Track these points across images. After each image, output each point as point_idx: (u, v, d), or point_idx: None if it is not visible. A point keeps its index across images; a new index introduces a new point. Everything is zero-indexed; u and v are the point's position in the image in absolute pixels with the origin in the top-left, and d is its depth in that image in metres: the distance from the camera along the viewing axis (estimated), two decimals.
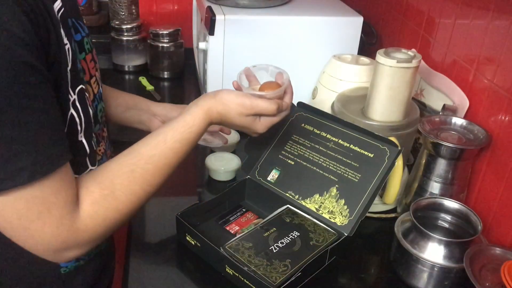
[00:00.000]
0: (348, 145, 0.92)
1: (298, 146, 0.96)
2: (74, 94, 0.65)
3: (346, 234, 0.84)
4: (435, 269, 0.78)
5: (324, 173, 0.92)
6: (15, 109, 0.52)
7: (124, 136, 1.22)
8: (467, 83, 0.99)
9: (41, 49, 0.56)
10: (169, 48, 1.58)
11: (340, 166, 0.91)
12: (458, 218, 0.85)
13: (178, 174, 0.77)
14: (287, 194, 0.92)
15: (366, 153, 0.89)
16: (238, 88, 0.84)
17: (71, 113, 0.65)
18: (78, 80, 0.67)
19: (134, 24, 1.63)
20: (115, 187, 0.65)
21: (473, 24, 0.97)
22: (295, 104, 1.01)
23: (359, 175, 0.88)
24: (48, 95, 0.57)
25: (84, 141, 0.69)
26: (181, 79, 1.65)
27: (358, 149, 0.90)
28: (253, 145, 0.98)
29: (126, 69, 1.66)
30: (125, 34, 1.62)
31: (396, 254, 0.84)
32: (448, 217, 0.87)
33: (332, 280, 0.83)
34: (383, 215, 0.99)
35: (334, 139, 0.94)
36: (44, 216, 0.58)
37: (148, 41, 1.60)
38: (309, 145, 0.95)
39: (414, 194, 0.95)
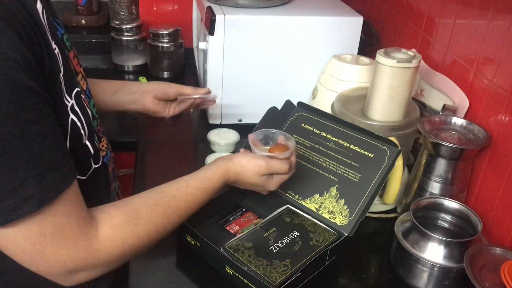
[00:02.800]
0: (348, 145, 0.92)
1: (298, 146, 0.96)
2: (71, 98, 0.65)
3: (346, 234, 0.84)
4: (435, 269, 0.78)
5: (324, 173, 0.92)
6: (17, 136, 0.52)
7: (123, 137, 1.23)
8: (467, 83, 0.99)
9: (36, 67, 0.55)
10: (169, 48, 1.58)
11: (340, 166, 0.91)
12: (458, 218, 0.85)
13: (178, 174, 0.78)
14: (287, 194, 0.92)
15: (366, 153, 0.89)
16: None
17: (72, 119, 0.65)
18: (73, 83, 0.66)
19: (134, 24, 1.63)
20: (139, 215, 0.67)
21: (473, 24, 0.97)
22: (295, 104, 1.01)
23: (359, 175, 0.88)
24: (48, 116, 0.57)
25: (88, 143, 0.70)
26: (181, 79, 1.64)
27: (358, 149, 0.90)
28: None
29: (126, 69, 1.66)
30: (125, 34, 1.62)
31: (396, 254, 0.84)
32: (448, 217, 0.87)
33: (332, 280, 0.83)
34: (383, 215, 0.99)
35: (334, 139, 0.94)
36: (58, 239, 0.58)
37: (148, 41, 1.60)
38: (309, 145, 0.95)
39: (414, 194, 0.95)
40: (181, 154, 1.24)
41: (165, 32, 1.56)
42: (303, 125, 0.98)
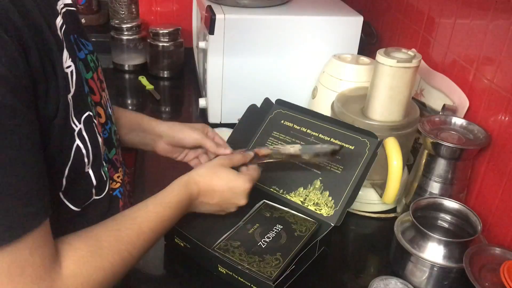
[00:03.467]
0: (328, 138, 0.93)
1: (279, 142, 0.97)
2: (80, 123, 0.60)
3: (333, 225, 0.84)
4: (435, 269, 0.78)
5: (307, 167, 0.93)
6: None
7: None
8: (467, 83, 0.99)
9: (29, 85, 0.50)
10: (169, 48, 1.58)
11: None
12: (458, 218, 0.85)
13: (178, 174, 0.77)
14: (272, 189, 0.93)
15: (346, 145, 0.91)
16: None
17: (77, 145, 0.60)
18: (84, 107, 0.62)
19: (134, 23, 1.63)
20: (102, 244, 0.60)
21: (473, 24, 0.97)
22: (273, 102, 1.02)
23: (342, 167, 0.90)
24: (29, 143, 0.50)
25: (90, 172, 0.64)
26: (181, 79, 1.65)
27: (339, 142, 0.92)
28: (233, 143, 0.98)
29: (126, 68, 1.66)
30: (125, 33, 1.62)
31: (395, 254, 0.84)
32: (448, 217, 0.87)
33: (332, 280, 0.83)
34: (383, 215, 0.99)
35: (314, 133, 0.95)
36: (16, 279, 0.50)
37: (148, 40, 1.60)
38: (290, 141, 0.96)
39: (413, 194, 0.95)
40: None
41: (165, 31, 1.56)
42: (282, 121, 0.99)
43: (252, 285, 0.75)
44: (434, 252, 0.78)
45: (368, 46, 1.34)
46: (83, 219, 0.65)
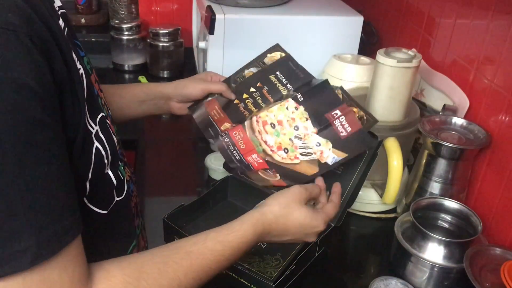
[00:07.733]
0: None
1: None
2: (96, 124, 0.59)
3: (333, 225, 0.84)
4: (435, 269, 0.78)
5: None
6: (17, 176, 0.44)
7: (123, 136, 1.23)
8: (467, 83, 0.99)
9: (55, 96, 0.48)
10: (169, 47, 1.58)
11: None
12: (458, 218, 0.85)
13: (178, 174, 0.77)
14: (273, 190, 0.93)
15: None
16: None
17: (96, 147, 0.58)
18: (97, 108, 0.61)
19: (134, 23, 1.63)
20: (141, 276, 0.55)
21: (473, 24, 0.97)
22: None
23: (342, 167, 0.89)
24: (58, 156, 0.48)
25: (110, 173, 0.63)
26: (181, 79, 1.64)
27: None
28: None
29: (126, 68, 1.66)
30: (125, 33, 1.62)
31: (396, 254, 0.84)
32: (448, 217, 0.87)
33: (332, 280, 0.83)
34: (383, 215, 0.99)
35: None
36: None
37: (148, 40, 1.60)
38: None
39: (414, 194, 0.95)
40: (181, 153, 1.24)
41: (164, 31, 1.56)
42: None
43: (252, 286, 0.75)
44: (434, 252, 0.78)
45: (368, 46, 1.34)
46: (112, 224, 0.64)
